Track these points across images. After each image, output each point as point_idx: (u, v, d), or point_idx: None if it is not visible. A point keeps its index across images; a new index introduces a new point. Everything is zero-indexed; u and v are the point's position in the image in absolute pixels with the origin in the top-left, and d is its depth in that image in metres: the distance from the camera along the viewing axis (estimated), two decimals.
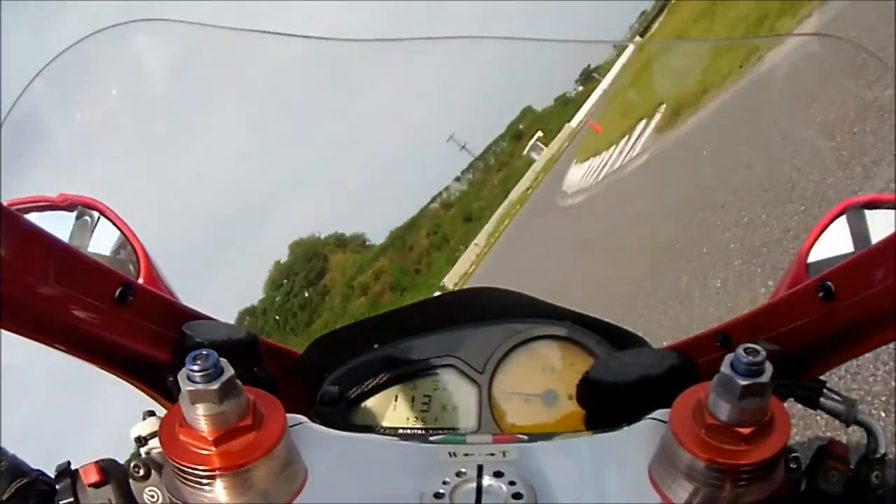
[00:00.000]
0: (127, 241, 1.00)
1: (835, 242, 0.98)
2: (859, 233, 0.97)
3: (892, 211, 0.97)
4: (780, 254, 4.10)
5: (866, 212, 0.99)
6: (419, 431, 1.04)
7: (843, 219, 1.00)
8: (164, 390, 0.78)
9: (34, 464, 0.70)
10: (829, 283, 0.67)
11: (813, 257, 0.98)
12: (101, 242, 1.00)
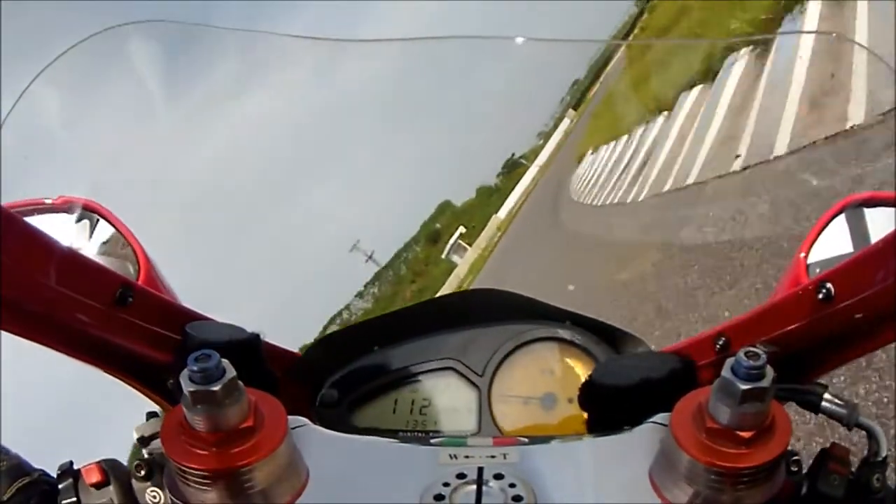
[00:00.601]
0: (126, 242, 1.00)
1: (834, 241, 0.98)
2: (858, 231, 0.97)
3: (892, 209, 0.97)
4: None
5: (865, 210, 0.99)
6: (419, 434, 1.04)
7: (841, 217, 1.00)
8: (165, 392, 0.78)
9: (36, 463, 0.70)
10: (828, 284, 0.67)
11: (812, 257, 0.98)
12: (101, 244, 0.99)
